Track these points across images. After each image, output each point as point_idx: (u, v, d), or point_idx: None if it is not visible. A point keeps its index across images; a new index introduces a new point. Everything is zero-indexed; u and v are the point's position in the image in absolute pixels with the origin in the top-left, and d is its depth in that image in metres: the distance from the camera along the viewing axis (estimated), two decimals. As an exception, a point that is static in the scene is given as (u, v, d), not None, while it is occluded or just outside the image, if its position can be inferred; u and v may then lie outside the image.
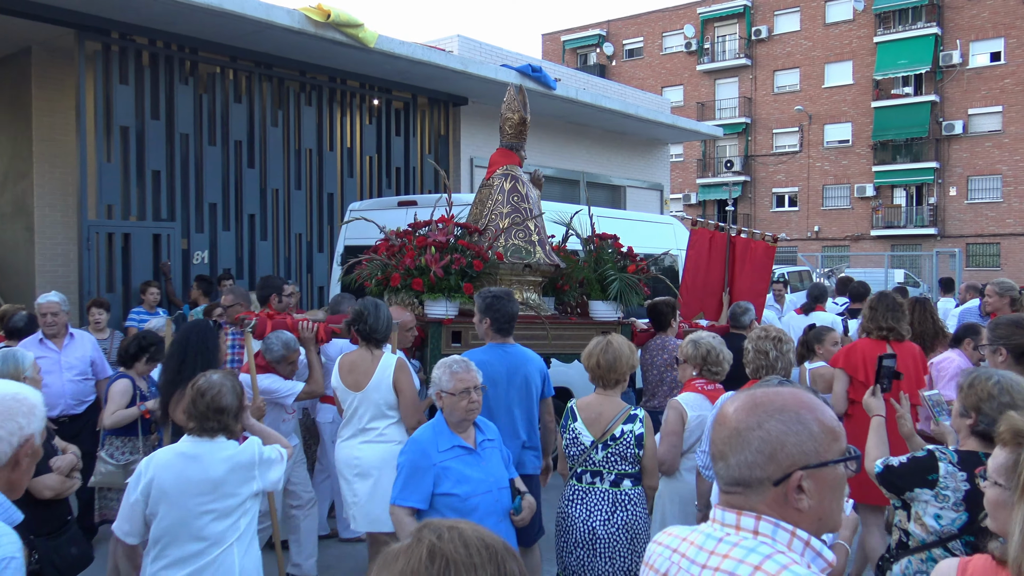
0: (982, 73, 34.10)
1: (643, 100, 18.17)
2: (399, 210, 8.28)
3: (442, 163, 13.97)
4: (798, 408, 1.47)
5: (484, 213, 6.09)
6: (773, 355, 4.01)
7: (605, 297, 5.99)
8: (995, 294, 6.67)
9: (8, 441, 1.97)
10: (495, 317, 4.57)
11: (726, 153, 40.65)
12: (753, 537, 1.44)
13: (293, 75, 11.84)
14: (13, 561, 1.83)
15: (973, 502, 2.86)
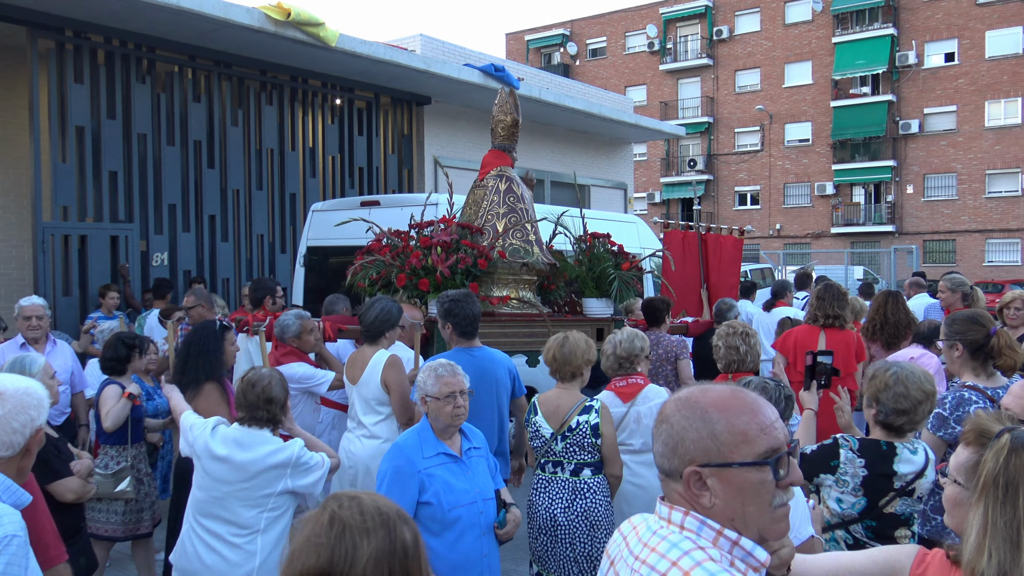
0: (937, 73, 34.84)
1: (606, 99, 18.27)
2: (362, 210, 8.24)
3: (405, 163, 13.92)
4: (710, 408, 1.50)
5: (480, 213, 6.17)
6: (743, 349, 4.27)
7: (600, 294, 6.10)
8: (947, 290, 6.79)
9: (22, 432, 2.15)
10: (456, 321, 4.51)
11: (689, 152, 41.03)
12: (679, 532, 1.48)
13: (253, 74, 11.71)
14: (16, 539, 1.94)
15: (871, 487, 3.05)
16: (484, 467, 3.45)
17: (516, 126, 6.38)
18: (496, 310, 5.76)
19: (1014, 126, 33.31)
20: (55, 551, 2.45)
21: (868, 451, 3.11)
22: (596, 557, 3.88)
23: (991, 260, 33.52)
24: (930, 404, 3.13)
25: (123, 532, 4.73)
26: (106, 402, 4.79)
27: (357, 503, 1.46)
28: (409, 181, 13.94)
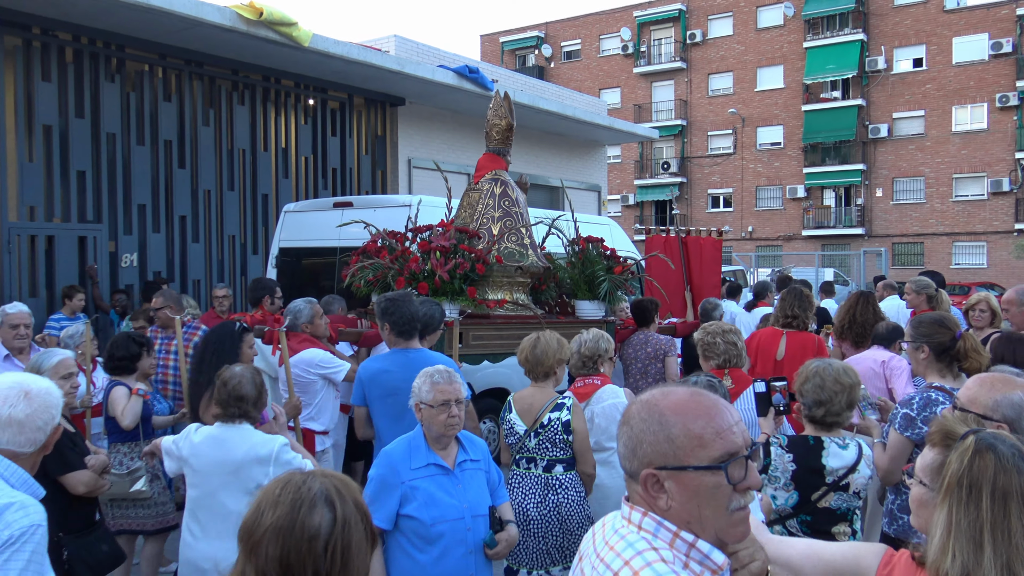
0: (905, 78, 35.37)
1: (580, 102, 18.34)
2: (335, 211, 8.21)
3: (379, 164, 13.88)
4: (668, 411, 1.51)
5: (475, 217, 6.25)
6: (741, 345, 4.46)
7: (592, 297, 6.18)
8: (912, 292, 6.89)
9: (44, 430, 2.30)
10: (393, 320, 4.43)
11: (663, 155, 41.29)
12: (637, 532, 1.50)
13: (225, 74, 11.62)
14: (40, 528, 2.07)
15: (801, 482, 3.15)
16: (480, 481, 3.28)
17: (511, 130, 6.50)
18: (491, 313, 5.81)
19: (980, 131, 33.91)
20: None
21: (796, 446, 3.22)
22: (568, 550, 3.94)
23: (958, 263, 34.09)
24: (848, 396, 3.21)
25: (153, 525, 4.75)
26: (118, 402, 4.74)
27: (300, 478, 1.56)
28: (383, 182, 13.90)
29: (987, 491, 1.65)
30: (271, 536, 1.49)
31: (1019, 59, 32.85)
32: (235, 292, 11.47)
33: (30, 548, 2.03)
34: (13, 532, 2.02)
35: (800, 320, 5.58)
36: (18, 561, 1.99)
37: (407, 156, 14.09)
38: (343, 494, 1.56)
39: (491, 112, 6.48)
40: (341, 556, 1.50)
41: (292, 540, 1.48)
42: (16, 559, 2.00)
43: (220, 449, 3.49)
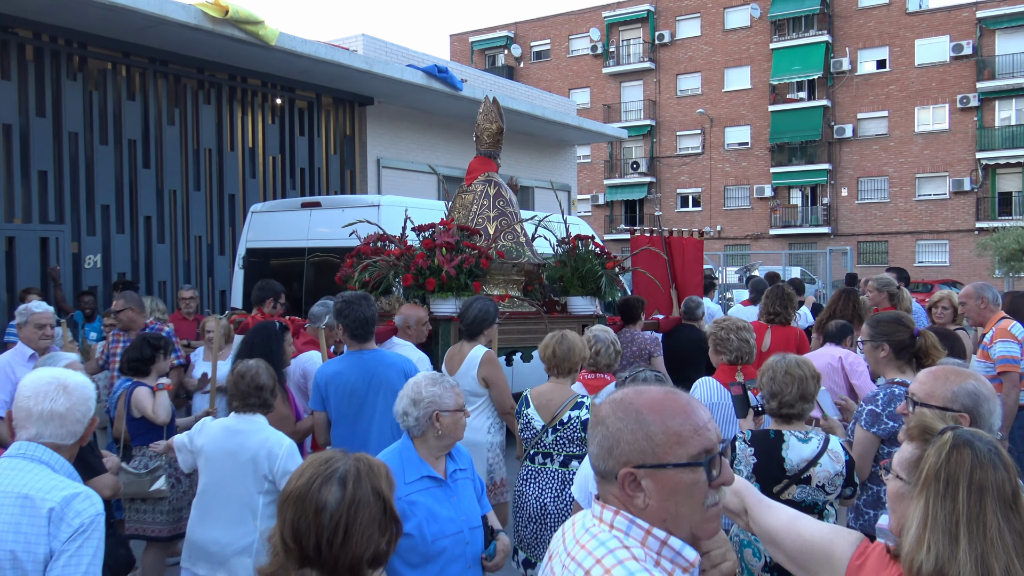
0: (869, 80, 35.92)
1: (550, 102, 18.39)
2: (302, 211, 8.16)
3: (348, 164, 13.81)
4: (644, 410, 1.51)
5: (470, 217, 6.41)
6: (752, 343, 4.51)
7: (585, 292, 6.40)
8: (875, 290, 7.01)
9: (82, 422, 2.39)
10: (347, 323, 4.40)
11: (632, 154, 41.53)
12: (608, 531, 1.50)
13: (190, 72, 11.49)
14: (101, 517, 2.22)
15: (762, 474, 3.27)
16: (471, 490, 3.15)
17: (501, 133, 6.71)
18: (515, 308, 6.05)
19: (942, 131, 34.54)
20: None
21: (758, 440, 3.33)
22: None
23: (921, 261, 34.69)
24: (798, 387, 3.31)
25: (168, 531, 4.66)
26: (144, 401, 4.65)
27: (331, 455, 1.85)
28: (352, 182, 13.83)
29: (964, 485, 1.66)
30: (289, 503, 1.76)
31: (979, 61, 33.52)
32: (202, 294, 11.35)
33: (97, 535, 2.19)
34: (84, 520, 2.17)
35: (783, 316, 5.92)
36: (89, 547, 2.15)
37: (376, 156, 14.04)
38: (362, 477, 1.78)
39: (481, 116, 6.66)
40: (344, 531, 1.71)
41: (302, 509, 1.74)
42: (88, 546, 2.15)
43: (234, 439, 3.62)
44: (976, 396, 2.33)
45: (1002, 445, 1.73)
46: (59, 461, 2.33)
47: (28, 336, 5.20)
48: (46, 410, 2.32)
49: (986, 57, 33.55)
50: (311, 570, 1.72)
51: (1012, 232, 25.94)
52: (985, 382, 2.37)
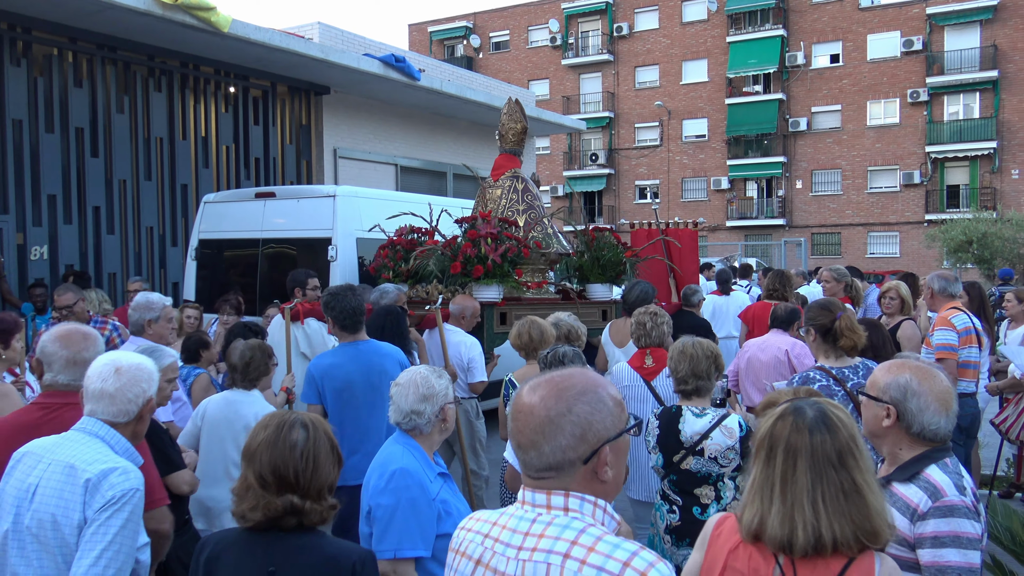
0: (823, 74, 36.49)
1: (508, 93, 18.34)
2: (256, 202, 8.04)
3: (304, 154, 13.63)
4: (595, 387, 1.58)
5: (498, 211, 6.86)
6: (649, 326, 4.83)
7: (605, 280, 6.95)
8: (832, 280, 7.17)
9: (135, 402, 2.55)
10: (335, 315, 4.41)
11: (591, 146, 41.67)
12: (564, 514, 1.54)
13: (140, 59, 11.22)
14: (138, 492, 2.38)
15: (663, 446, 3.67)
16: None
17: (525, 132, 7.25)
18: (522, 294, 6.49)
19: (893, 125, 35.25)
20: (159, 495, 2.86)
21: (663, 415, 3.73)
22: None
23: (872, 252, 35.42)
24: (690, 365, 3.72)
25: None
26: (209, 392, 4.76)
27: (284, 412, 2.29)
28: (308, 172, 13.66)
29: (780, 449, 1.86)
30: (264, 447, 2.11)
31: (928, 56, 34.24)
32: (154, 285, 11.12)
33: (129, 508, 2.33)
34: (115, 493, 2.32)
35: (780, 292, 6.87)
36: (118, 519, 2.30)
37: (332, 146, 13.88)
38: (315, 424, 2.19)
39: (506, 116, 7.17)
40: (313, 462, 2.13)
41: (278, 449, 2.11)
42: (117, 517, 2.30)
43: (231, 409, 4.08)
44: (905, 390, 2.38)
45: (838, 410, 1.91)
46: (115, 437, 2.51)
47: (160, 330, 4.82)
48: (97, 389, 2.52)
49: (935, 53, 34.30)
50: (291, 495, 2.09)
51: (959, 224, 26.59)
52: (932, 379, 2.38)
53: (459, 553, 1.68)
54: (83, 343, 2.85)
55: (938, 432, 2.37)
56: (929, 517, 2.25)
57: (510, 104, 7.21)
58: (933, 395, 2.36)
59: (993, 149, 33.03)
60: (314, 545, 2.13)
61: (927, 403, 2.35)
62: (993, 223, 26.12)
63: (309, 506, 2.10)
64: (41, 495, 2.33)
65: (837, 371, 3.98)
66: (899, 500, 2.33)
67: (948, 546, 2.21)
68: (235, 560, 2.13)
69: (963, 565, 2.19)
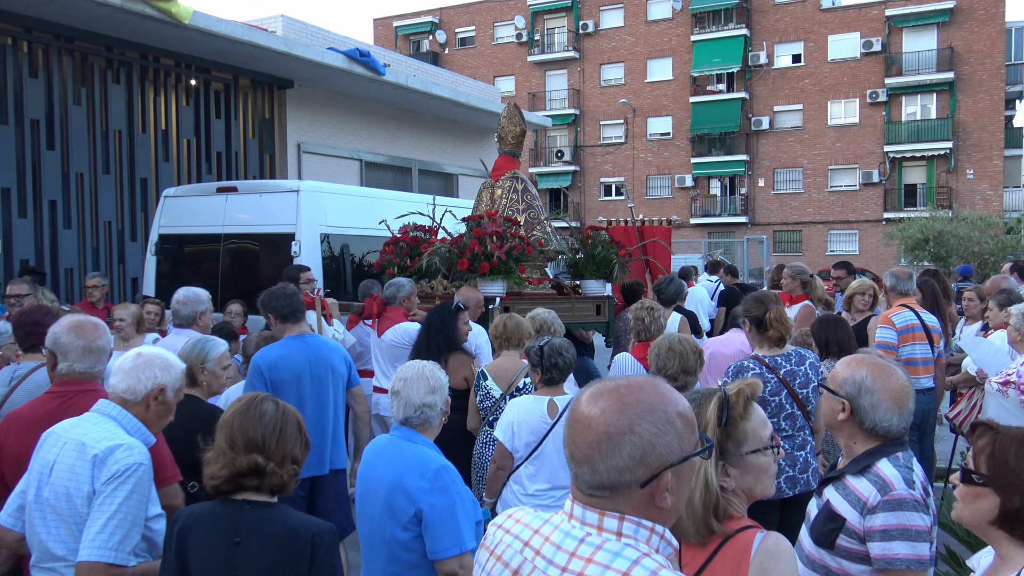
0: (785, 73, 36.99)
1: (474, 89, 18.32)
2: (218, 196, 7.93)
3: (267, 148, 13.48)
4: (664, 405, 1.43)
5: (498, 209, 7.12)
6: (647, 320, 5.14)
7: (599, 277, 7.23)
8: (789, 277, 7.28)
9: (144, 384, 2.72)
10: (275, 307, 4.45)
11: (557, 143, 41.78)
12: (617, 539, 1.41)
13: (98, 50, 11.00)
14: (142, 467, 2.57)
15: None
16: None
17: (524, 135, 7.58)
18: (522, 290, 6.71)
19: (852, 125, 35.86)
20: (171, 472, 3.01)
21: None
22: None
23: (833, 250, 35.99)
24: (679, 361, 3.84)
25: None
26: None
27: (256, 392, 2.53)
28: (271, 167, 13.51)
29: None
30: (235, 415, 2.36)
31: (887, 57, 34.88)
32: (112, 281, 10.93)
33: (133, 481, 2.53)
34: (120, 467, 2.53)
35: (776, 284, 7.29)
36: (123, 491, 2.51)
37: (296, 140, 13.74)
38: (285, 405, 2.45)
39: (506, 119, 7.48)
40: (280, 431, 2.36)
41: (248, 416, 2.35)
42: (121, 489, 2.51)
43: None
44: (859, 386, 2.42)
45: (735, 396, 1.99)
46: (126, 417, 2.71)
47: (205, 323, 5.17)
48: (116, 366, 2.77)
49: (894, 54, 34.94)
50: (256, 455, 2.31)
51: (916, 222, 27.12)
52: (888, 376, 2.42)
53: (494, 555, 1.57)
54: (96, 332, 3.04)
55: (891, 429, 2.41)
56: (878, 511, 2.29)
57: (509, 108, 7.58)
58: (887, 393, 2.40)
59: (949, 149, 33.76)
60: (277, 518, 2.33)
61: (879, 400, 2.40)
62: (949, 222, 26.65)
63: (272, 467, 2.32)
64: (57, 470, 2.57)
65: (770, 359, 4.19)
66: (851, 493, 2.37)
67: (897, 539, 2.25)
68: (204, 532, 2.32)
69: (912, 557, 2.24)
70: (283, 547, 2.28)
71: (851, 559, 2.31)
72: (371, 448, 3.06)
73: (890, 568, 2.25)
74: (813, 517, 2.49)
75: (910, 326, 5.52)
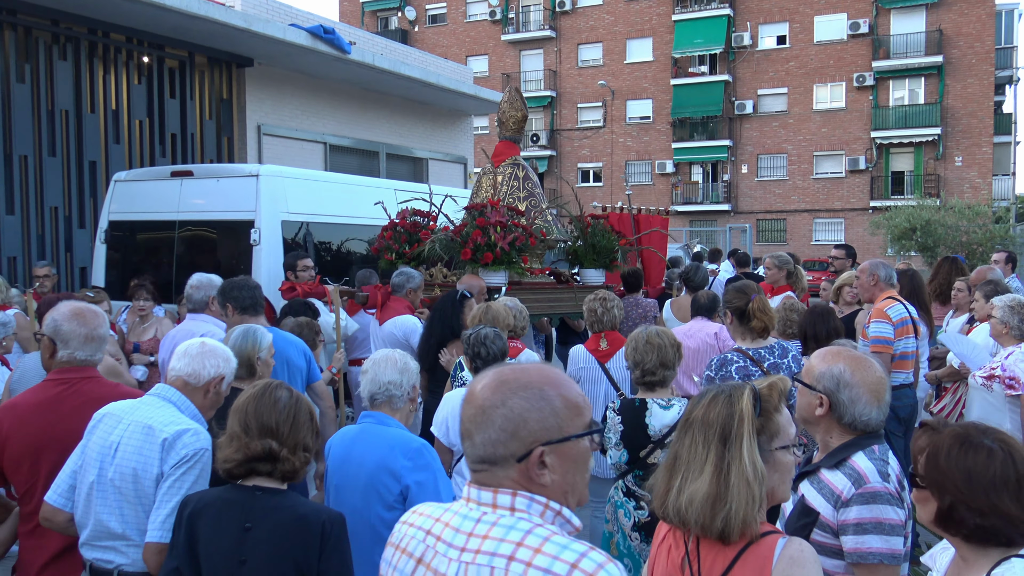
0: (770, 55, 37.24)
1: (445, 69, 18.25)
2: (172, 181, 7.85)
3: (225, 130, 13.34)
4: (542, 384, 1.56)
5: (499, 197, 7.32)
6: (600, 312, 5.19)
7: (599, 266, 7.49)
8: (773, 267, 7.37)
9: (208, 371, 2.99)
10: (234, 298, 4.54)
11: (532, 126, 41.75)
12: (511, 514, 1.52)
13: (43, 24, 10.81)
14: (207, 453, 2.80)
15: (628, 440, 3.73)
16: None
17: (525, 120, 7.80)
18: (523, 279, 6.94)
19: (839, 110, 36.21)
20: None
21: (625, 409, 3.79)
22: None
23: (818, 239, 36.38)
24: (658, 355, 3.83)
25: None
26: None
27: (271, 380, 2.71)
28: (229, 150, 13.38)
29: (687, 422, 2.01)
30: (250, 400, 2.53)
31: (875, 40, 35.23)
32: (60, 270, 10.77)
33: (200, 466, 2.77)
34: (188, 452, 2.76)
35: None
36: (191, 475, 2.75)
37: (256, 122, 13.61)
38: (299, 394, 2.62)
39: (507, 104, 7.67)
40: (293, 419, 2.53)
41: (263, 401, 2.52)
42: (190, 474, 2.75)
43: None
44: (838, 381, 2.46)
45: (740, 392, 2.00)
46: (184, 402, 2.94)
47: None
48: (182, 350, 3.01)
49: (881, 36, 35.30)
50: (270, 439, 2.46)
51: (903, 211, 27.42)
52: (866, 369, 2.47)
53: (400, 549, 1.67)
54: (96, 320, 3.20)
55: (869, 423, 2.46)
56: (852, 504, 2.34)
57: (510, 92, 7.80)
58: (865, 386, 2.45)
59: (937, 135, 34.20)
60: (287, 505, 2.47)
61: (859, 394, 2.45)
62: (937, 210, 26.99)
63: (285, 454, 2.47)
64: (123, 452, 2.77)
65: (754, 352, 4.26)
66: (825, 487, 2.42)
67: (870, 532, 2.30)
68: (215, 516, 2.44)
69: (885, 551, 2.29)
70: (294, 534, 2.40)
71: (825, 554, 2.35)
72: (342, 437, 3.22)
73: (863, 562, 2.31)
74: (788, 512, 2.54)
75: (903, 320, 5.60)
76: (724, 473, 1.89)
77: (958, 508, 1.89)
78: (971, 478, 1.88)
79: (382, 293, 6.28)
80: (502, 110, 7.71)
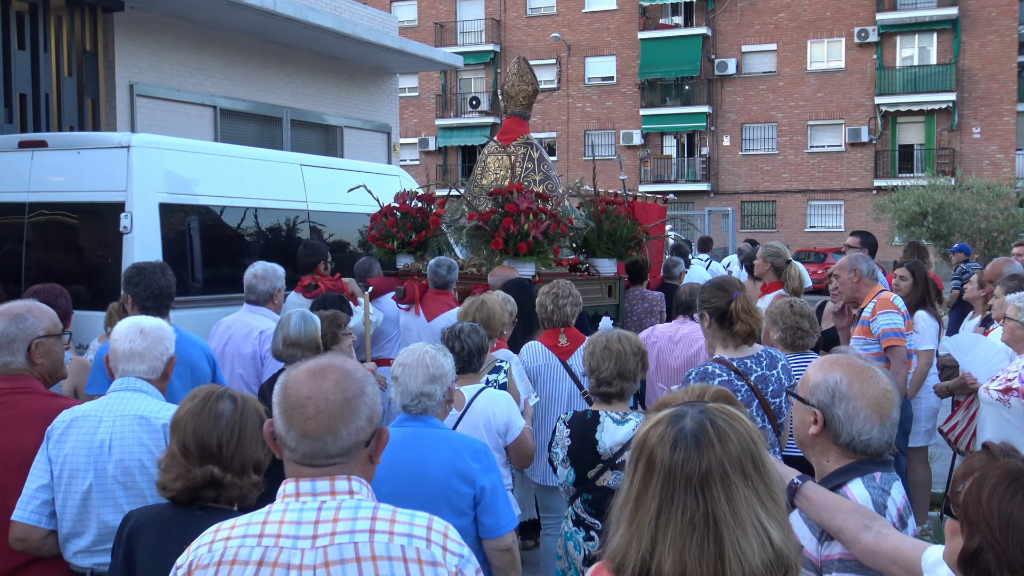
0: (756, 5, 37.77)
1: (364, 17, 18.17)
2: (21, 153, 7.70)
3: (89, 90, 13.10)
4: (355, 371, 2.04)
5: (514, 179, 7.72)
6: (550, 308, 5.46)
7: (613, 255, 7.88)
8: (760, 259, 7.54)
9: (161, 359, 3.43)
10: (138, 292, 4.66)
11: (471, 88, 41.78)
12: (351, 497, 1.96)
13: None
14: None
15: (576, 458, 3.86)
16: None
17: (535, 94, 8.37)
18: (551, 271, 7.36)
19: (837, 71, 36.93)
20: None
21: (575, 422, 3.91)
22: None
23: (813, 225, 37.14)
24: (617, 363, 3.87)
25: None
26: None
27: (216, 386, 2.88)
28: (94, 115, 13.15)
29: (642, 463, 1.77)
30: (188, 417, 2.66)
31: (879, -12, 35.97)
32: None
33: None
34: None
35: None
36: None
37: (128, 80, 13.40)
38: (245, 399, 2.77)
39: (516, 77, 8.22)
40: (238, 435, 2.66)
41: (202, 418, 2.64)
42: None
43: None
44: (834, 393, 2.48)
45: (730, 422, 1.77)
46: (154, 391, 3.38)
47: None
48: (126, 350, 3.37)
49: (887, -17, 36.03)
50: (212, 465, 2.60)
51: (912, 192, 27.67)
52: (867, 380, 2.49)
53: (229, 563, 1.93)
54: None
55: (870, 443, 2.48)
56: None
57: (520, 63, 8.32)
58: (865, 400, 2.47)
59: (952, 103, 35.04)
60: None
61: (857, 409, 2.46)
62: (951, 191, 27.28)
63: (230, 479, 2.63)
64: (119, 446, 3.15)
65: (738, 363, 4.16)
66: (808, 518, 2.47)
67: (855, 571, 2.34)
68: (154, 537, 2.61)
69: None
70: None
71: None
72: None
73: None
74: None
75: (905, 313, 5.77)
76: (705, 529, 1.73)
77: (985, 553, 1.88)
78: (1010, 524, 1.86)
79: (419, 287, 6.87)
80: (510, 83, 8.28)
